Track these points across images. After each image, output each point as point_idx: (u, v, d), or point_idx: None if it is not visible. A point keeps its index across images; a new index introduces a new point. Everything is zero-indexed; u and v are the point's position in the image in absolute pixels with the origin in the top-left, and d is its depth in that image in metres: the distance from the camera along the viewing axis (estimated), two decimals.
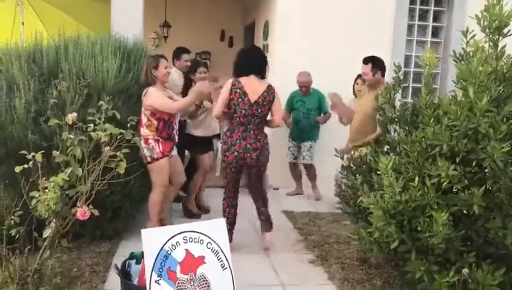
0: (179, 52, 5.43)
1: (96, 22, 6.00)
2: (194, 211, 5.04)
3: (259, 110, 3.90)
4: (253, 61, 4.01)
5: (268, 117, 4.09)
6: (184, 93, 4.78)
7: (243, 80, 3.90)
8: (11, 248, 3.20)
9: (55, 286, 3.22)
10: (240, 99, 3.86)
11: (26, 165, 3.06)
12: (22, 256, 3.24)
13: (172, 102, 4.13)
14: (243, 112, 3.88)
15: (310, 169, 5.96)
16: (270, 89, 3.94)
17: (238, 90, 3.86)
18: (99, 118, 3.34)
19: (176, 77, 5.13)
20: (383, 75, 4.50)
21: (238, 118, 3.90)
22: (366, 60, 4.53)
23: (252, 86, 3.89)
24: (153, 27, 9.11)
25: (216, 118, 4.15)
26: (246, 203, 4.40)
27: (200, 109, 4.79)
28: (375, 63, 4.48)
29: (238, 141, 3.91)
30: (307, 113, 5.80)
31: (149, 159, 4.07)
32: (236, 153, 3.90)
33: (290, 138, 6.00)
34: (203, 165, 5.02)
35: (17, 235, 3.14)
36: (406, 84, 3.77)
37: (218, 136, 5.22)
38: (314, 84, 5.79)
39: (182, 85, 4.94)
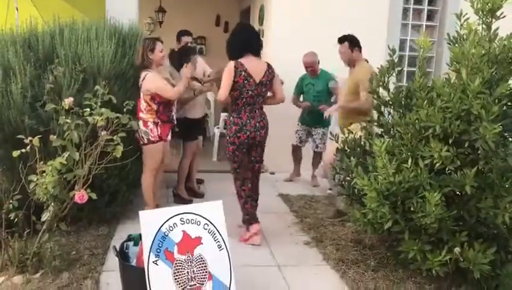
0: (179, 34, 5.46)
1: (90, 7, 5.96)
2: (184, 196, 5.04)
3: (263, 90, 3.94)
4: (250, 40, 3.98)
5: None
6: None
7: (245, 61, 3.86)
8: (10, 231, 3.24)
9: (54, 269, 3.26)
10: (246, 81, 3.84)
11: (23, 150, 3.09)
12: (21, 239, 3.29)
13: (171, 87, 4.14)
14: (250, 92, 3.87)
15: (317, 157, 5.92)
16: (270, 67, 3.97)
17: (242, 73, 3.83)
18: (96, 103, 3.36)
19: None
20: (360, 52, 4.67)
21: (244, 99, 3.89)
22: (341, 40, 4.70)
23: (255, 66, 3.89)
24: (148, 12, 9.07)
25: (221, 101, 4.05)
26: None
27: (195, 94, 4.81)
28: (351, 40, 4.65)
29: (248, 121, 3.91)
30: (317, 96, 5.69)
31: (145, 141, 4.09)
32: (248, 133, 3.91)
33: (299, 122, 5.90)
34: (190, 151, 5.01)
35: (16, 219, 3.19)
36: (400, 68, 3.77)
37: (203, 117, 5.25)
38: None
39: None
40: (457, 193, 3.11)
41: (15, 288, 3.06)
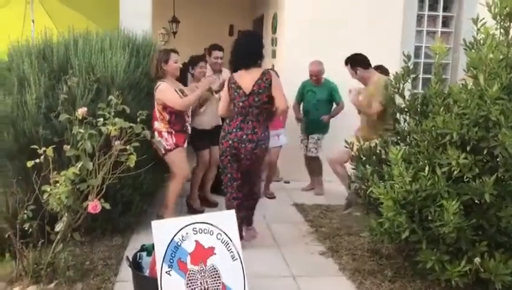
0: (210, 48, 5.45)
1: (105, 18, 6.03)
2: (196, 207, 5.00)
3: (257, 99, 3.82)
4: (244, 53, 3.93)
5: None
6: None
7: (237, 74, 3.92)
8: (25, 241, 3.24)
9: (68, 279, 3.25)
10: (236, 93, 3.86)
11: (37, 160, 3.10)
12: (36, 250, 3.28)
13: (180, 98, 4.16)
14: (240, 104, 3.86)
15: (314, 162, 5.84)
16: (264, 75, 3.84)
17: (232, 85, 3.88)
18: (109, 113, 3.36)
19: (209, 73, 5.16)
20: (366, 68, 4.63)
21: (236, 109, 3.91)
22: (346, 62, 4.74)
23: (244, 77, 3.86)
24: (162, 23, 9.15)
25: (221, 116, 4.10)
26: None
27: (202, 106, 4.80)
28: (351, 61, 4.67)
29: (234, 130, 3.87)
30: (317, 104, 5.69)
31: (163, 151, 4.16)
32: (230, 142, 3.87)
33: (301, 131, 5.91)
34: (202, 160, 4.98)
35: (30, 229, 3.19)
36: (415, 75, 3.72)
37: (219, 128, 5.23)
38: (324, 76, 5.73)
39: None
40: (476, 201, 3.03)
41: None
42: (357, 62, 4.64)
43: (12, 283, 3.22)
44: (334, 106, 5.75)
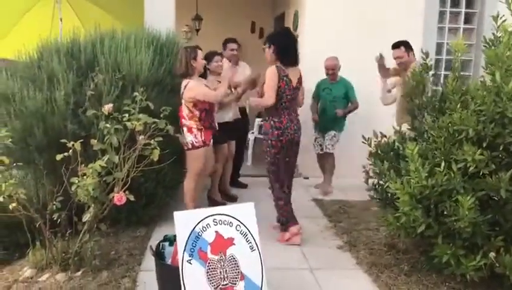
0: (225, 41, 5.63)
1: (130, 16, 6.18)
2: (218, 199, 5.12)
3: (296, 94, 4.16)
4: (293, 50, 4.09)
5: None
6: None
7: (286, 68, 4.03)
8: (54, 231, 3.40)
9: (95, 267, 3.41)
10: (286, 86, 4.02)
11: (66, 154, 3.25)
12: (64, 239, 3.45)
13: (213, 92, 4.27)
14: (289, 97, 4.06)
15: (329, 158, 5.83)
16: (301, 73, 4.19)
17: (284, 78, 4.00)
18: (134, 108, 3.51)
19: (226, 66, 5.30)
20: (414, 55, 4.83)
21: (284, 103, 4.05)
22: (397, 45, 4.86)
23: (293, 72, 4.09)
24: (185, 20, 9.27)
25: (268, 105, 4.06)
26: None
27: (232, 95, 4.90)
28: (406, 45, 4.85)
29: (288, 124, 4.07)
30: (333, 101, 5.71)
31: (190, 146, 4.24)
32: (289, 136, 4.08)
33: (315, 129, 5.93)
34: (222, 154, 5.07)
35: (59, 220, 3.34)
36: (433, 72, 3.75)
37: (240, 121, 5.34)
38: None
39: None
40: (493, 197, 3.06)
41: (58, 285, 3.21)
42: (409, 46, 4.87)
43: (42, 270, 3.39)
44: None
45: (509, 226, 3.01)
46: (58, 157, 3.26)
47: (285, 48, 4.05)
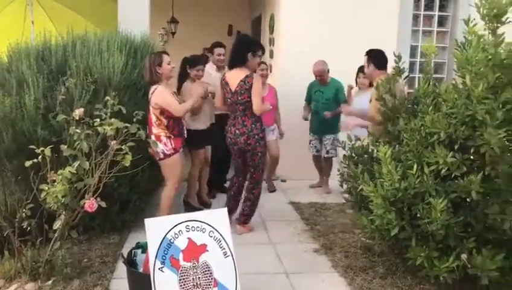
0: (212, 46, 5.56)
1: (104, 19, 6.10)
2: (194, 204, 5.07)
3: (239, 98, 4.17)
4: (231, 54, 4.30)
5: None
6: (179, 84, 4.95)
7: (228, 72, 4.30)
8: (23, 240, 3.32)
9: (66, 276, 3.33)
10: (225, 90, 4.28)
11: (35, 160, 3.17)
12: (34, 248, 3.36)
13: (179, 104, 4.16)
14: (229, 100, 4.27)
15: (329, 163, 5.88)
16: (247, 78, 4.13)
17: (223, 82, 4.29)
18: (106, 113, 3.44)
19: (212, 71, 5.28)
20: (378, 67, 4.42)
21: (230, 106, 4.31)
22: (366, 52, 4.60)
23: (232, 76, 4.22)
24: (161, 23, 9.20)
25: (218, 108, 4.62)
26: None
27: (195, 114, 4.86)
28: (369, 54, 4.51)
29: (229, 128, 4.31)
30: (326, 103, 5.68)
31: (161, 156, 4.13)
32: (229, 139, 4.32)
33: (310, 132, 5.91)
34: (198, 159, 5.04)
35: (29, 228, 3.26)
36: (407, 75, 3.78)
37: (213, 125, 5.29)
38: None
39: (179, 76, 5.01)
40: (464, 199, 3.09)
41: None
42: (372, 57, 4.48)
43: (10, 280, 3.30)
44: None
45: (480, 228, 3.04)
46: (28, 163, 3.17)
47: (231, 52, 4.30)
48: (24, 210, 3.22)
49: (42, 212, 3.28)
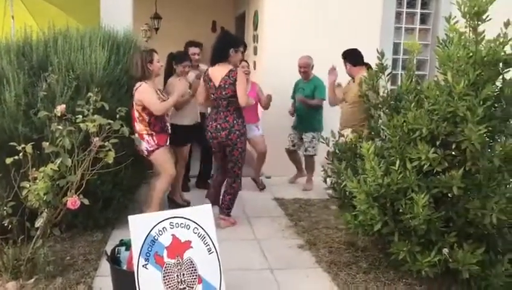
0: (186, 45, 5.53)
1: (86, 14, 6.01)
2: (178, 201, 5.04)
3: (224, 93, 4.20)
4: (213, 50, 4.32)
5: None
6: (165, 78, 4.98)
7: (211, 68, 4.32)
8: (4, 238, 3.27)
9: (48, 274, 3.29)
10: (208, 85, 4.31)
11: (17, 157, 3.13)
12: (15, 246, 3.31)
13: (159, 102, 4.14)
14: (212, 96, 4.31)
15: (310, 160, 5.90)
16: (231, 72, 4.19)
17: (206, 78, 4.32)
18: (88, 110, 3.40)
19: (191, 74, 5.22)
20: (354, 64, 4.80)
21: (213, 102, 4.35)
22: (341, 55, 4.91)
23: (215, 71, 4.26)
24: (144, 19, 9.12)
25: (200, 104, 4.70)
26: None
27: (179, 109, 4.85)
28: (344, 56, 4.89)
29: (210, 123, 4.35)
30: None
31: (146, 153, 4.16)
32: (209, 134, 4.35)
33: (292, 127, 5.94)
34: (182, 156, 5.02)
35: (10, 226, 3.21)
36: (390, 72, 3.82)
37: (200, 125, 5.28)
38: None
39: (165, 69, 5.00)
40: (446, 194, 3.14)
41: None
42: (347, 57, 4.86)
43: None
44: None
45: (461, 222, 3.09)
46: (8, 160, 3.13)
47: (212, 49, 4.33)
48: (5, 208, 3.17)
49: (24, 210, 3.23)
